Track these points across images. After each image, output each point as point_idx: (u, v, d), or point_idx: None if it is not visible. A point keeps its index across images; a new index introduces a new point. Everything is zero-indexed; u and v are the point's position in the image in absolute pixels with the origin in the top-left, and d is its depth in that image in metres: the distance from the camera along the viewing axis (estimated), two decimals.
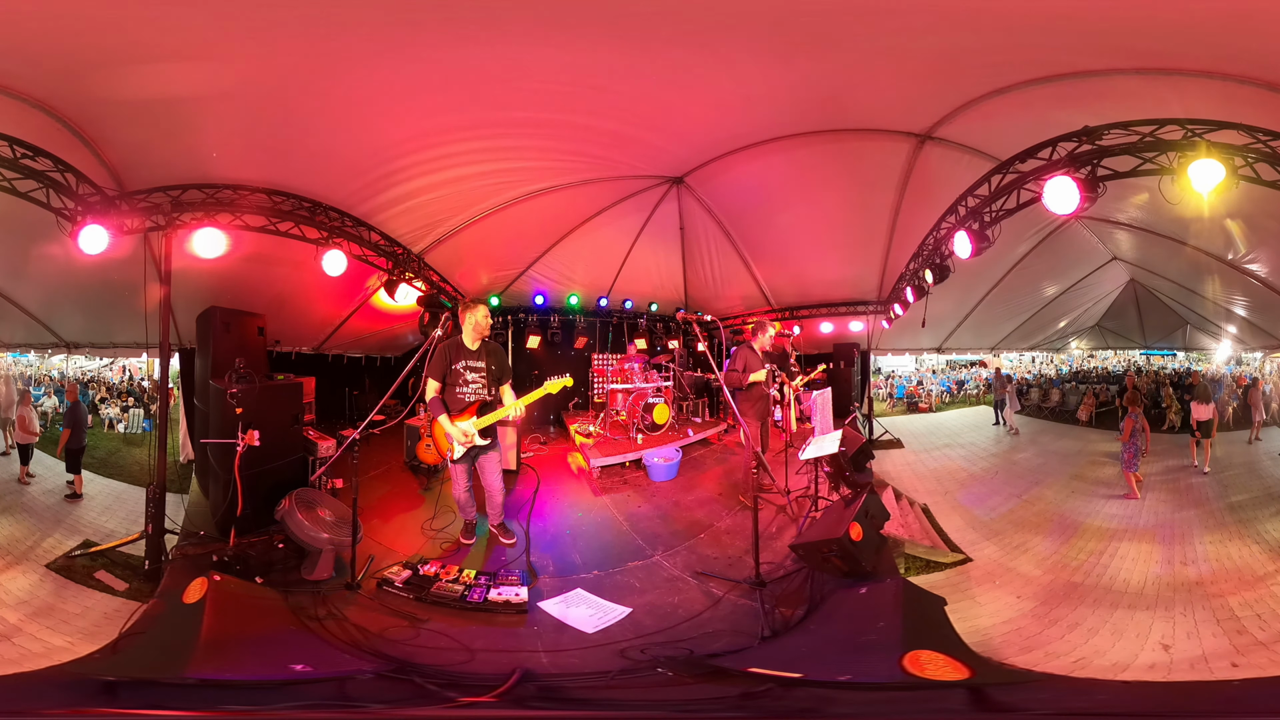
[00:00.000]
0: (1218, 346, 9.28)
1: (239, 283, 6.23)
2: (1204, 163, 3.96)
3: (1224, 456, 7.13)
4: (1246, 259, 6.25)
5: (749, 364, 5.92)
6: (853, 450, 5.66)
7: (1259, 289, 6.70)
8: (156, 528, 4.98)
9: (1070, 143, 4.53)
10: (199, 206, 5.27)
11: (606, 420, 8.10)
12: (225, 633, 3.64)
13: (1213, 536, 5.46)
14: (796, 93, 4.89)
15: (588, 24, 3.96)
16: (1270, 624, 4.04)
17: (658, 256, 8.43)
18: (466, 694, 3.01)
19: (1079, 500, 6.60)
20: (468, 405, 4.81)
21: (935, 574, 5.12)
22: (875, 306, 8.53)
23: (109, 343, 6.94)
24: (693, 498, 6.42)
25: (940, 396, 10.57)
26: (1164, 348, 10.11)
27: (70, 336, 6.80)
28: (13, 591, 4.52)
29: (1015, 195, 4.99)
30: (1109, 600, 4.58)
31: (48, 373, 8.06)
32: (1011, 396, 9.32)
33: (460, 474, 4.99)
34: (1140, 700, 3.31)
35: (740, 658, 3.51)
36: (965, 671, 3.04)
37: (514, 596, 4.24)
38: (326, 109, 4.75)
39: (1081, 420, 9.07)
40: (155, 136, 4.71)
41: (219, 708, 2.95)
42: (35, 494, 6.22)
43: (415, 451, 6.88)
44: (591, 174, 6.30)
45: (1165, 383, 8.92)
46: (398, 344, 9.30)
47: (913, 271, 6.88)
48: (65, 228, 4.56)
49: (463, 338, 4.89)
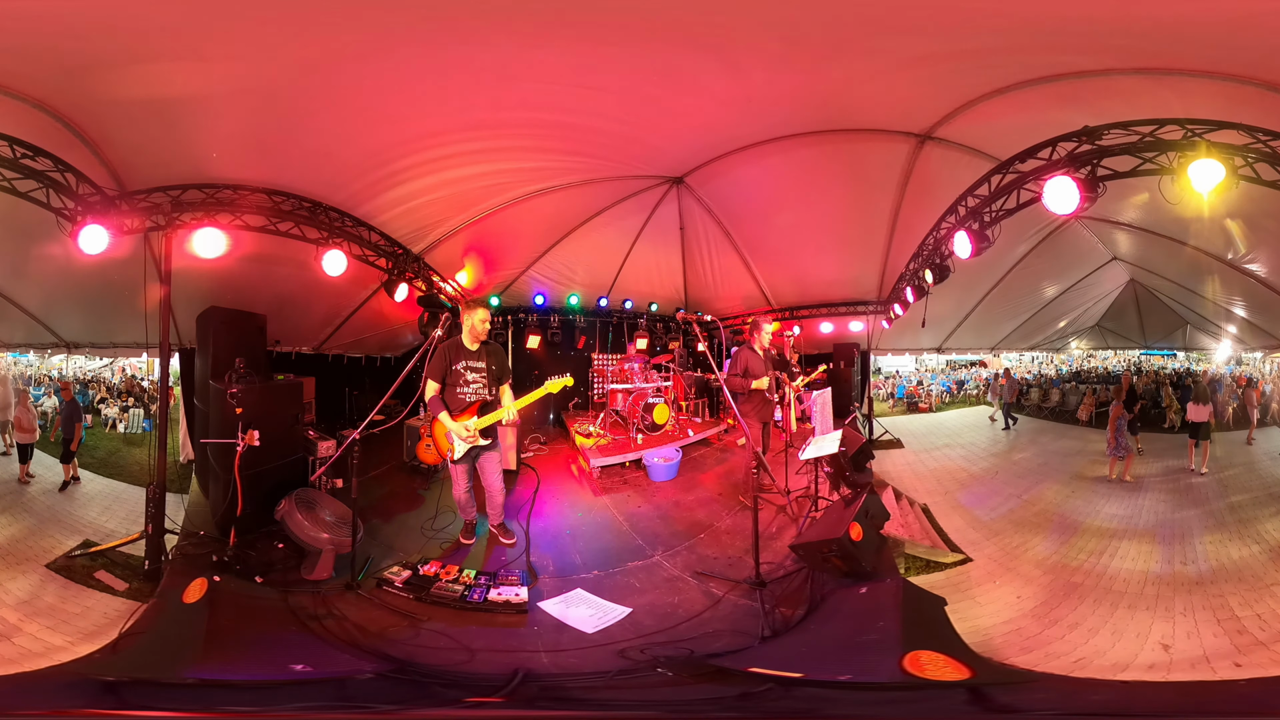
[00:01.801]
0: (1218, 346, 9.28)
1: (239, 283, 6.22)
2: (1204, 163, 3.96)
3: (1223, 456, 7.13)
4: (1246, 259, 6.25)
5: (750, 367, 5.88)
6: (853, 450, 5.66)
7: (1259, 289, 6.69)
8: (156, 528, 4.98)
9: (1070, 143, 4.53)
10: (199, 206, 5.27)
11: (605, 420, 8.10)
12: (225, 633, 3.65)
13: (1213, 536, 5.46)
14: (796, 93, 4.89)
15: (588, 24, 3.96)
16: (1270, 624, 4.04)
17: (658, 256, 8.42)
18: (467, 694, 3.02)
19: (1079, 500, 6.60)
20: (468, 405, 4.83)
21: (935, 574, 5.12)
22: (875, 306, 8.52)
23: (109, 343, 6.94)
24: (693, 498, 6.42)
25: (940, 396, 10.57)
26: (1164, 348, 10.11)
27: (70, 336, 6.79)
28: (13, 591, 4.52)
29: (1015, 195, 4.99)
30: (1109, 600, 4.57)
31: (47, 373, 8.05)
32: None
33: (460, 474, 4.99)
34: (1140, 700, 3.32)
35: (740, 658, 3.51)
36: (965, 671, 3.05)
37: (514, 596, 4.24)
38: (327, 109, 4.75)
39: (1081, 420, 9.07)
40: (155, 136, 4.70)
41: (219, 708, 2.96)
42: (35, 494, 6.22)
43: (415, 451, 6.88)
44: (591, 174, 6.29)
45: (1165, 382, 8.92)
46: (398, 344, 9.29)
47: (913, 271, 6.88)
48: (65, 228, 4.55)
49: (463, 338, 4.90)
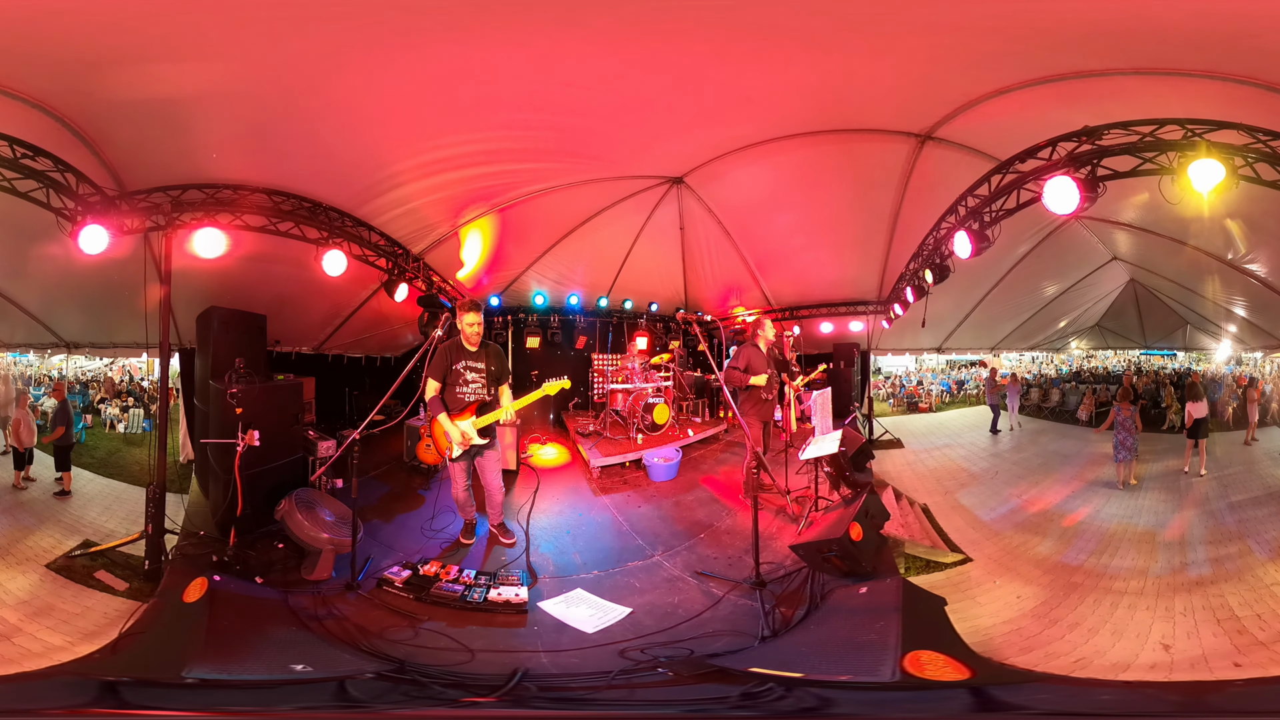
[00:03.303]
0: (1218, 346, 9.28)
1: (239, 283, 6.22)
2: (1204, 163, 3.97)
3: (1223, 456, 7.13)
4: (1246, 259, 6.25)
5: (752, 363, 5.87)
6: (853, 450, 5.66)
7: (1259, 289, 6.70)
8: (156, 528, 4.98)
9: (1070, 143, 4.53)
10: (199, 206, 5.27)
11: (605, 420, 8.10)
12: (225, 633, 3.65)
13: (1212, 536, 5.46)
14: (796, 92, 4.89)
15: (588, 25, 3.96)
16: (1270, 624, 4.03)
17: (658, 256, 8.42)
18: (467, 694, 3.02)
19: (1079, 500, 6.60)
20: (467, 405, 4.87)
21: (935, 574, 5.12)
22: (875, 306, 8.53)
23: (109, 343, 6.94)
24: (693, 497, 6.42)
25: (940, 396, 10.58)
26: (1164, 348, 10.11)
27: (70, 336, 6.79)
28: (13, 591, 4.52)
29: (1015, 195, 4.99)
30: (1109, 600, 4.57)
31: (47, 373, 8.05)
32: (1012, 396, 9.31)
33: (459, 473, 5.00)
34: (1140, 700, 3.32)
35: (740, 658, 3.51)
36: (965, 671, 3.05)
37: (514, 596, 4.24)
38: (327, 109, 4.75)
39: (1081, 420, 9.07)
40: (155, 136, 4.71)
41: (219, 708, 2.96)
42: (35, 494, 6.22)
43: (415, 451, 6.88)
44: (591, 174, 6.30)
45: (1165, 383, 8.92)
46: (398, 344, 9.29)
47: (913, 271, 6.88)
48: (65, 228, 4.55)
49: (462, 339, 4.94)
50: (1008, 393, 9.30)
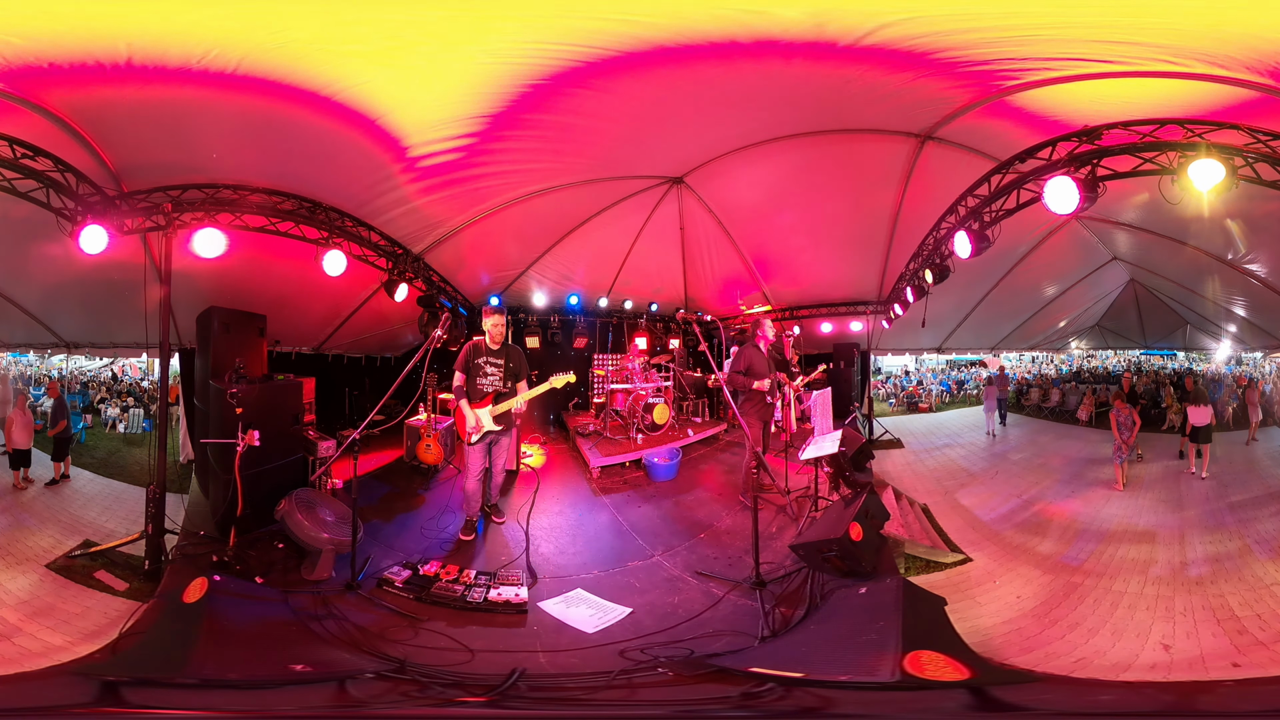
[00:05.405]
0: (1218, 346, 9.27)
1: (239, 283, 6.22)
2: (1204, 163, 3.97)
3: (1223, 456, 7.12)
4: (1246, 259, 6.25)
5: (753, 365, 5.87)
6: (853, 450, 5.66)
7: (1259, 289, 6.70)
8: (156, 528, 4.98)
9: (1070, 143, 4.53)
10: (199, 206, 5.27)
11: (605, 420, 8.09)
12: (225, 633, 3.65)
13: (1212, 536, 5.46)
14: (796, 92, 4.88)
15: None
16: (1270, 624, 4.04)
17: (658, 256, 8.42)
18: (466, 694, 3.01)
19: (1079, 500, 6.60)
20: (484, 395, 5.36)
21: (935, 574, 5.12)
22: (875, 306, 8.52)
23: (109, 343, 6.94)
24: (693, 497, 6.42)
25: (940, 396, 10.57)
26: (1164, 348, 10.10)
27: (70, 336, 6.79)
28: (13, 591, 4.52)
29: (1015, 195, 5.00)
30: (1109, 600, 4.57)
31: (47, 373, 8.06)
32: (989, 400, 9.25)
33: (477, 456, 5.35)
34: (1141, 700, 3.32)
35: (740, 658, 3.51)
36: (965, 672, 3.05)
37: (514, 596, 4.24)
38: (327, 109, 4.74)
39: (1081, 420, 9.06)
40: (155, 136, 4.70)
41: (219, 708, 2.96)
42: (35, 494, 6.22)
43: (415, 451, 6.88)
44: (591, 174, 6.29)
45: (1165, 383, 8.92)
46: (398, 344, 9.29)
47: (913, 271, 6.88)
48: (65, 228, 4.55)
49: (486, 338, 5.43)
50: (984, 396, 9.25)
